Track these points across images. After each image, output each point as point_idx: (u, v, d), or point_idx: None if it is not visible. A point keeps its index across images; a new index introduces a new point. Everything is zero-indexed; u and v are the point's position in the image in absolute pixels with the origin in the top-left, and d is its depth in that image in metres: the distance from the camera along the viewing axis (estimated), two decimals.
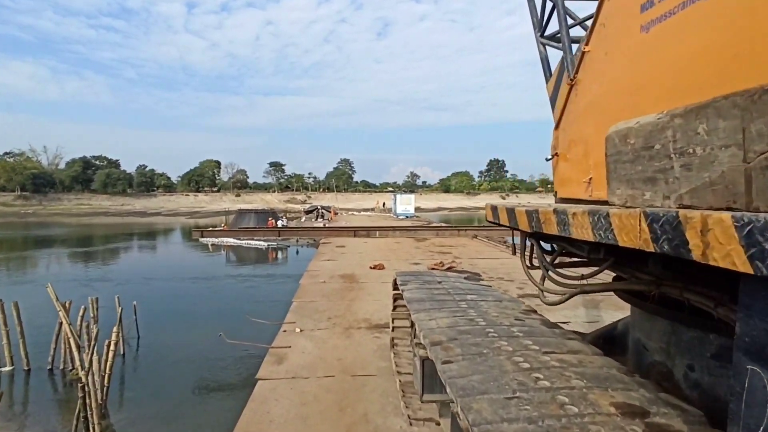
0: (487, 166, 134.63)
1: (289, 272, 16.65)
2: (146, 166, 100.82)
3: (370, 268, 11.53)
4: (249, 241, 27.69)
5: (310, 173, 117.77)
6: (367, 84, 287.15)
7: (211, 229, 18.53)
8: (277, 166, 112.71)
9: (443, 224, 27.54)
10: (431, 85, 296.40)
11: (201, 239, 18.34)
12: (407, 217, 38.21)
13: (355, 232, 19.94)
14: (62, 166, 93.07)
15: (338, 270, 11.36)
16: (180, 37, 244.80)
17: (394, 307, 5.64)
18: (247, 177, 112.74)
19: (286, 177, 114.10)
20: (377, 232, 19.89)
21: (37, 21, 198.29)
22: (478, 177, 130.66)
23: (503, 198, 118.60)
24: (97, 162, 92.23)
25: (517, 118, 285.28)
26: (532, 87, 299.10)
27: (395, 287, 5.36)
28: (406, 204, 39.71)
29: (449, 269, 11.50)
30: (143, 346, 8.39)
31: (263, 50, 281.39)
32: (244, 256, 24.74)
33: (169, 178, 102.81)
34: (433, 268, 11.49)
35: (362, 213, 53.68)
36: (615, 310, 7.18)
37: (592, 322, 6.84)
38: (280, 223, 33.63)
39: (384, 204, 57.91)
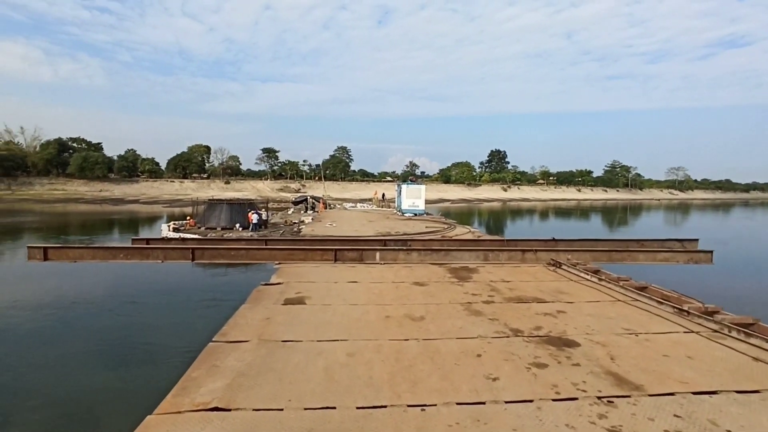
0: (488, 156, 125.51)
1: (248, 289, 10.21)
2: (135, 151, 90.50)
3: None
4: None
5: (305, 160, 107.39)
6: (365, 72, 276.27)
7: (61, 245, 9.39)
8: (270, 153, 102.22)
9: (481, 234, 17.94)
10: (430, 75, 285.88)
11: (45, 262, 9.02)
12: (416, 215, 27.83)
13: (336, 252, 9.70)
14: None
15: None
16: (176, 20, 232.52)
17: None
18: (240, 164, 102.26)
19: (279, 164, 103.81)
20: (377, 253, 10.05)
21: (30, 1, 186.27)
22: (479, 168, 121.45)
23: (505, 190, 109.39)
24: (75, 144, 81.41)
25: (517, 110, 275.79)
26: (533, 79, 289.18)
27: None
28: (414, 197, 28.83)
29: None
30: None
31: (261, 35, 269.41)
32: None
33: (157, 163, 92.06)
34: None
35: (359, 206, 44.24)
36: None
37: None
38: (255, 217, 24.74)
39: (384, 195, 48.14)
